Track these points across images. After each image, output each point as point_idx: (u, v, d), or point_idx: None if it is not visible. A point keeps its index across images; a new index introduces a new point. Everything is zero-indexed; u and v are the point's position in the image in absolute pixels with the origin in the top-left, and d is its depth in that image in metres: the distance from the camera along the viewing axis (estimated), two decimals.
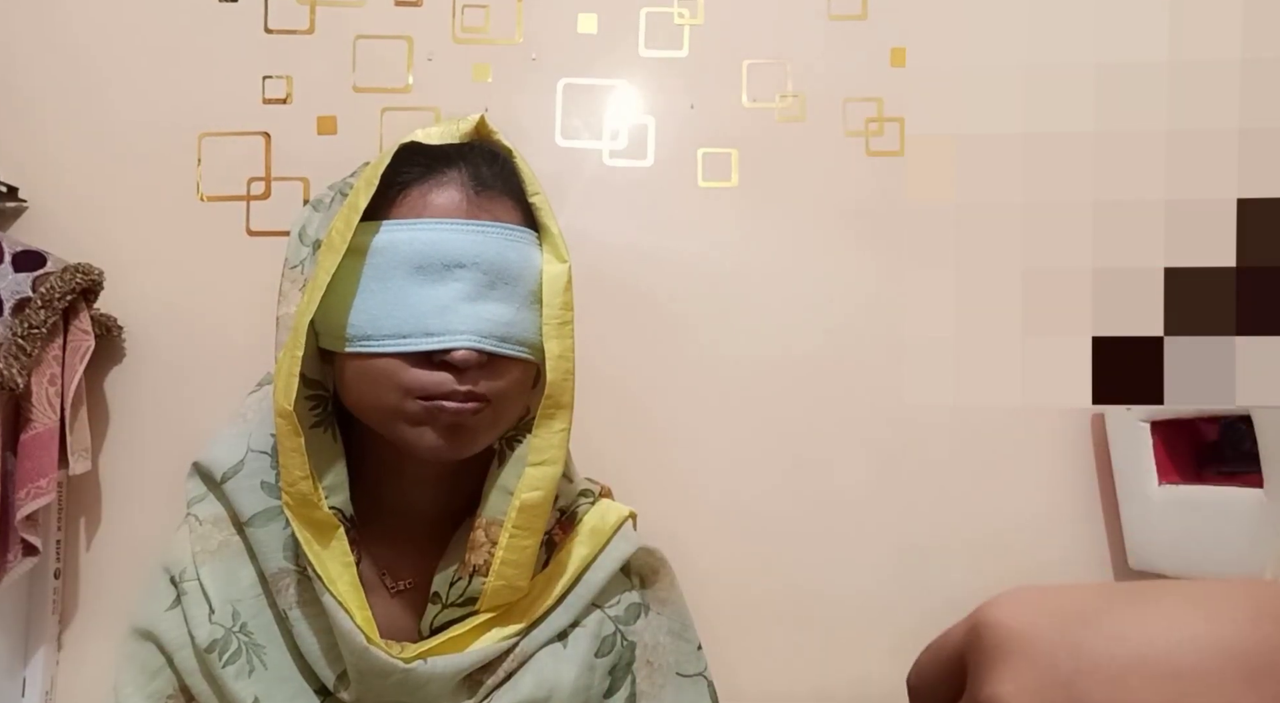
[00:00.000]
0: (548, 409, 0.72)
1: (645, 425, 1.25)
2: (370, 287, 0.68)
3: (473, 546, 0.71)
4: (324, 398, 0.72)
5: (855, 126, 1.30)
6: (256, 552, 0.73)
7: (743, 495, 1.25)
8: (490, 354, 0.68)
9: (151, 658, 0.73)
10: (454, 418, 0.67)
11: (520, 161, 0.74)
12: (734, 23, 1.32)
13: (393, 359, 0.67)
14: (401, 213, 0.69)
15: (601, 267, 1.25)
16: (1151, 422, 1.15)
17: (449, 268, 0.67)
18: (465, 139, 0.73)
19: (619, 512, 0.82)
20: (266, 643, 0.71)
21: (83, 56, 1.27)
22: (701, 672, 0.84)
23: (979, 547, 1.24)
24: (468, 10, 1.30)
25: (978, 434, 1.27)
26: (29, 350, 1.07)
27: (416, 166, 0.71)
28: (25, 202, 1.23)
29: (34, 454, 1.08)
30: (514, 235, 0.70)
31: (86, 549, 1.21)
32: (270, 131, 1.27)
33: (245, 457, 0.75)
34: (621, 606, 0.80)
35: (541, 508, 0.72)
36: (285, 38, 1.28)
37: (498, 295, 0.69)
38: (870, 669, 1.22)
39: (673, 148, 1.30)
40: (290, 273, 0.74)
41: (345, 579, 0.69)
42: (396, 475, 0.75)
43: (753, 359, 1.27)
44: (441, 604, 0.72)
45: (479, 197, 0.70)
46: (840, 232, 1.29)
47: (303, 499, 0.68)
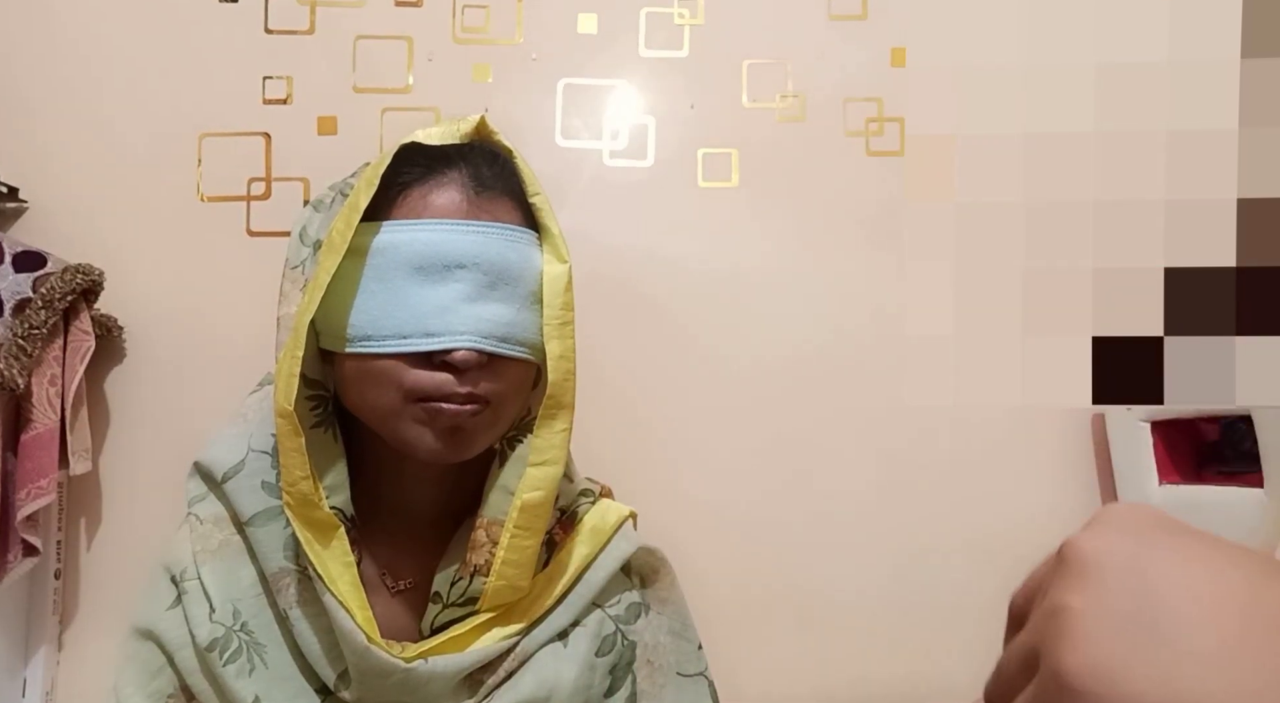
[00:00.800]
0: (549, 409, 0.72)
1: (645, 425, 1.25)
2: (371, 287, 0.68)
3: (474, 545, 0.71)
4: (325, 398, 0.72)
5: (855, 126, 1.30)
6: (257, 551, 0.73)
7: (743, 495, 1.25)
8: (490, 355, 0.68)
9: (152, 657, 0.74)
10: (453, 420, 0.67)
11: (521, 162, 0.74)
12: (734, 23, 1.31)
13: (393, 360, 0.67)
14: (402, 213, 0.69)
15: (601, 267, 1.25)
16: (1151, 422, 1.15)
17: (449, 268, 0.67)
18: (466, 139, 0.73)
19: (619, 511, 0.82)
20: (267, 642, 0.71)
21: (83, 56, 1.27)
22: (702, 671, 0.84)
23: (979, 547, 1.24)
24: (468, 10, 1.30)
25: (978, 434, 1.27)
26: (29, 351, 1.07)
27: (417, 167, 0.71)
28: (25, 202, 1.23)
29: (34, 455, 1.08)
30: (514, 236, 0.70)
31: (87, 550, 1.21)
32: (270, 132, 1.27)
33: (246, 456, 0.75)
34: (622, 605, 0.80)
35: (543, 508, 0.72)
36: (285, 38, 1.28)
37: (498, 296, 0.69)
38: (870, 669, 1.22)
39: (673, 148, 1.30)
40: (291, 273, 0.74)
41: (346, 579, 0.69)
42: (397, 475, 0.75)
43: (753, 359, 1.27)
44: (442, 604, 0.72)
45: (479, 197, 0.70)
46: (840, 232, 1.29)
47: (303, 499, 0.68)
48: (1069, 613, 0.26)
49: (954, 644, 1.22)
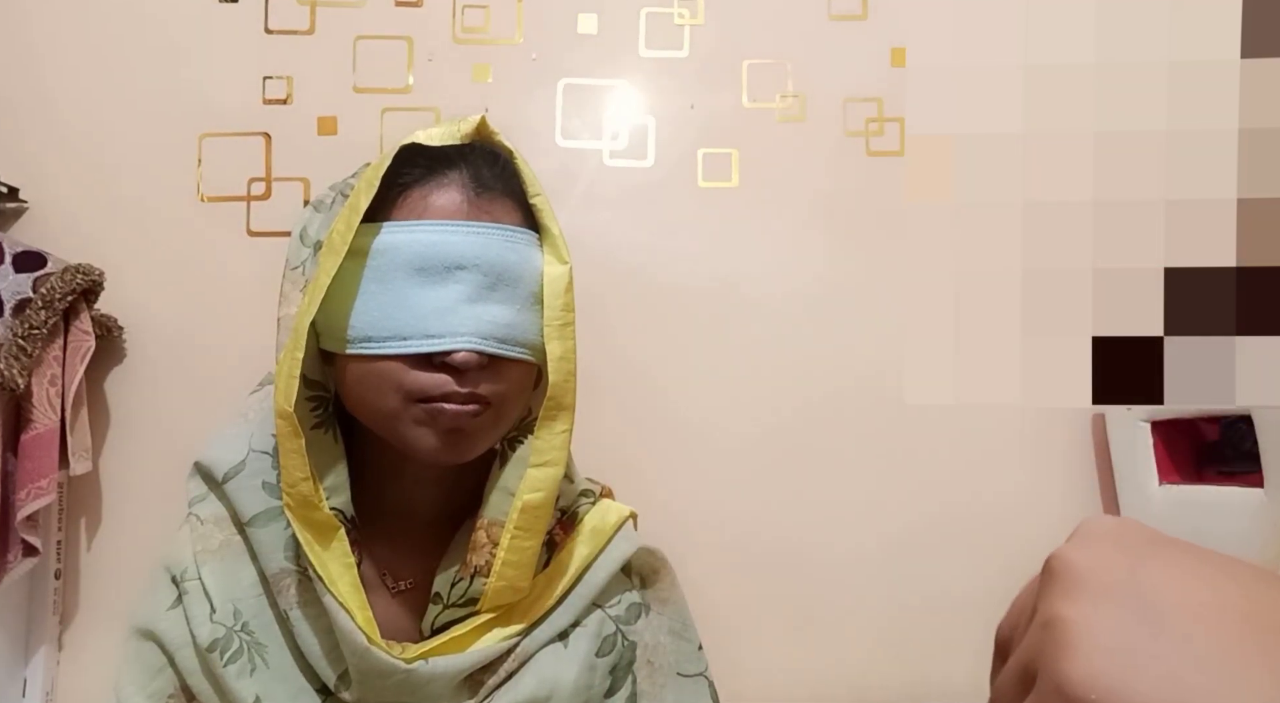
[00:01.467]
0: (550, 410, 0.72)
1: (645, 425, 1.25)
2: (371, 288, 0.68)
3: (474, 546, 0.71)
4: (325, 399, 0.72)
5: (855, 126, 1.30)
6: (258, 552, 0.73)
7: (743, 496, 1.25)
8: (491, 356, 0.68)
9: (153, 657, 0.74)
10: (454, 420, 0.67)
11: (521, 163, 0.74)
12: (734, 23, 1.32)
13: (393, 361, 0.67)
14: (402, 214, 0.69)
15: (602, 266, 1.25)
16: (1151, 422, 1.15)
17: (450, 270, 0.67)
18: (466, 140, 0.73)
19: (619, 512, 0.82)
20: (268, 642, 0.71)
21: (83, 57, 1.27)
22: (702, 672, 0.84)
23: (979, 547, 1.24)
24: (468, 11, 1.30)
25: (978, 434, 1.27)
26: (30, 351, 1.07)
27: (417, 168, 0.71)
28: (26, 202, 1.23)
29: (34, 455, 1.08)
30: (515, 237, 0.70)
31: (87, 550, 1.21)
32: (271, 132, 1.27)
33: (247, 457, 0.75)
34: (622, 605, 0.80)
35: (543, 509, 0.72)
36: (286, 38, 1.28)
37: (498, 297, 0.69)
38: (870, 669, 1.22)
39: (673, 148, 1.30)
40: (291, 274, 0.74)
41: (346, 580, 0.69)
42: (397, 476, 0.75)
43: (753, 358, 1.27)
44: (443, 605, 0.72)
45: (480, 198, 0.70)
46: (840, 231, 1.29)
47: (303, 501, 0.68)
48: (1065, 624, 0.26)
49: (954, 644, 1.22)
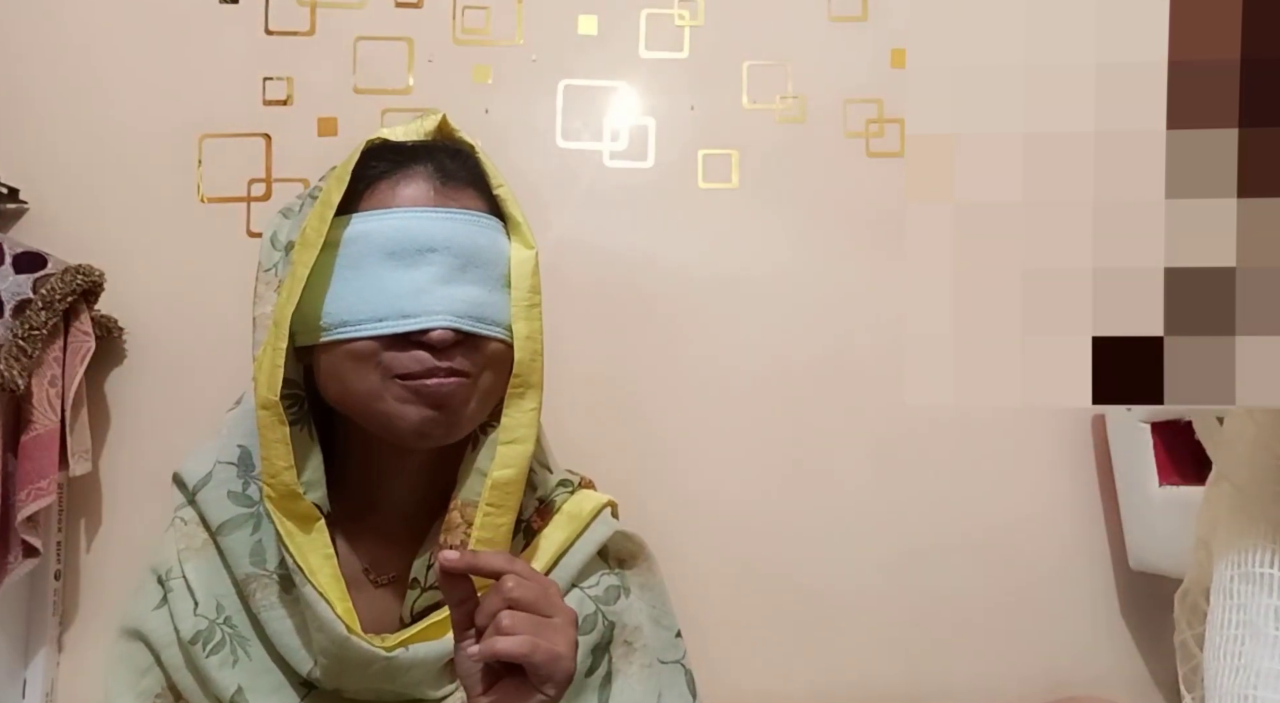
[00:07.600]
0: (516, 388, 0.73)
1: (645, 427, 1.25)
2: (345, 275, 0.69)
3: (448, 527, 0.73)
4: (300, 397, 0.73)
5: (856, 128, 1.30)
6: (227, 558, 0.74)
7: (743, 497, 1.25)
8: (466, 333, 0.69)
9: (140, 657, 0.75)
10: (436, 393, 0.69)
11: (483, 156, 0.77)
12: (734, 24, 1.32)
13: (371, 342, 0.68)
14: (372, 205, 0.72)
15: (601, 268, 1.25)
16: (1151, 422, 1.15)
17: (421, 252, 0.69)
18: (429, 137, 0.77)
19: (597, 499, 0.84)
20: (250, 635, 0.73)
21: (83, 57, 1.27)
22: (679, 659, 0.85)
23: (979, 547, 1.24)
24: (468, 12, 1.30)
25: (978, 434, 1.27)
26: (29, 352, 1.07)
27: (384, 162, 0.73)
28: (26, 203, 1.23)
29: (34, 456, 1.08)
30: (482, 222, 0.73)
31: (87, 551, 1.21)
32: (271, 133, 1.27)
33: (213, 468, 0.77)
34: (600, 586, 0.81)
35: (514, 485, 0.73)
36: (286, 39, 1.28)
37: (470, 278, 0.70)
38: (870, 669, 1.22)
39: (673, 149, 1.30)
40: (264, 276, 0.76)
41: (326, 571, 0.70)
42: (376, 469, 0.77)
43: (753, 360, 1.27)
44: (420, 589, 0.74)
45: (446, 187, 0.72)
46: (841, 232, 1.29)
47: (286, 491, 0.69)
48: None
49: (954, 644, 1.22)
